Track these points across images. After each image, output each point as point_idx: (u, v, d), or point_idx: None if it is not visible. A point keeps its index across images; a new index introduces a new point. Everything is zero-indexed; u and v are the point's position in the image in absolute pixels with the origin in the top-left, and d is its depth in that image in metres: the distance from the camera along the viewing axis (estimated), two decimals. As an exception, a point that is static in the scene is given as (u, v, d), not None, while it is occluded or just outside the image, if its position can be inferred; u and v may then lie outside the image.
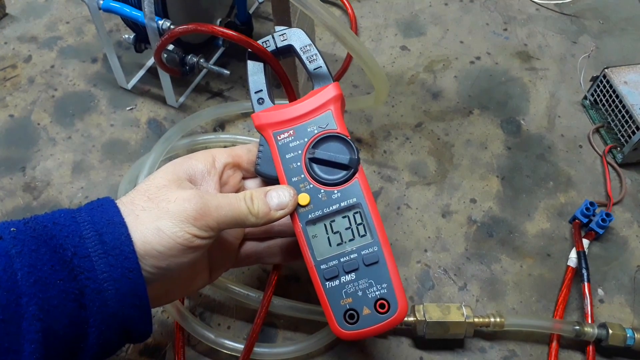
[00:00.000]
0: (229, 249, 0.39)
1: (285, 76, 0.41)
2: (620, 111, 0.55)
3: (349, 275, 0.35)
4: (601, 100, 0.58)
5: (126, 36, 0.58)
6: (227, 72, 0.57)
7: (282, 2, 0.48)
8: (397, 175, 0.54)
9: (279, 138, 0.37)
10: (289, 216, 0.36)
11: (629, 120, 0.54)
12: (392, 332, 0.44)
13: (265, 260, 0.41)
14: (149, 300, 0.31)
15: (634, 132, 0.53)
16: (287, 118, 0.38)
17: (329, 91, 0.37)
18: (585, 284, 0.45)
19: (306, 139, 0.37)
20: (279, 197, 0.35)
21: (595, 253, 0.49)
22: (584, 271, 0.46)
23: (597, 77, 0.58)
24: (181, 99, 0.60)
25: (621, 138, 0.55)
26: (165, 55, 0.55)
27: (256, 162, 0.38)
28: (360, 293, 0.35)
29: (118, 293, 0.30)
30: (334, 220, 0.36)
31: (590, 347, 0.43)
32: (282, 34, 0.39)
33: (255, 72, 0.40)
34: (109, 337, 0.30)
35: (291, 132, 0.38)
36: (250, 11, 0.68)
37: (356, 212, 0.36)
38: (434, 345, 0.43)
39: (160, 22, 0.51)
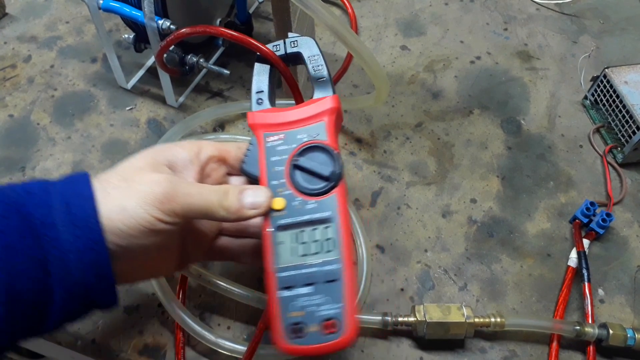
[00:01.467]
0: (202, 239, 0.39)
1: (293, 80, 0.41)
2: (620, 111, 0.55)
3: (306, 288, 0.34)
4: (601, 100, 0.58)
5: (126, 36, 0.58)
6: (227, 71, 0.57)
7: (282, 2, 0.48)
8: (397, 175, 0.54)
9: (268, 140, 0.37)
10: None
11: (629, 120, 0.54)
12: (392, 333, 0.44)
13: (238, 258, 0.41)
14: (112, 273, 0.31)
15: (634, 132, 0.53)
16: (280, 122, 0.37)
17: (326, 102, 0.37)
18: (586, 284, 0.45)
19: (294, 145, 0.37)
20: (254, 196, 0.35)
21: (596, 253, 0.49)
22: (585, 271, 0.46)
23: (598, 77, 0.58)
24: (181, 99, 0.60)
25: (621, 138, 0.55)
26: (165, 55, 0.55)
27: (242, 160, 0.38)
28: (312, 308, 0.33)
29: (81, 263, 0.30)
30: (303, 230, 0.35)
31: (591, 347, 0.43)
32: (294, 41, 0.40)
33: (260, 72, 0.40)
34: (73, 304, 0.31)
35: (281, 135, 0.37)
36: (250, 11, 0.68)
37: (327, 227, 0.35)
38: (434, 345, 0.43)
39: (160, 22, 0.51)
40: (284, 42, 0.40)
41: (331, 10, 0.42)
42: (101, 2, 0.52)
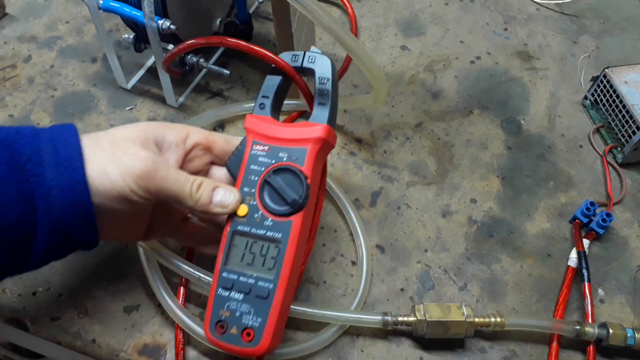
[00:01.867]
0: (171, 217, 0.42)
1: (308, 90, 0.42)
2: (620, 111, 0.55)
3: (239, 294, 0.36)
4: (601, 100, 0.58)
5: (126, 36, 0.58)
6: (227, 71, 0.57)
7: (282, 2, 0.48)
8: (397, 175, 0.54)
9: (254, 147, 0.39)
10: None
11: (629, 120, 0.54)
12: (392, 332, 0.44)
13: (198, 245, 0.43)
14: (93, 212, 0.34)
15: (634, 132, 0.53)
16: (269, 134, 0.39)
17: (316, 130, 0.38)
18: (586, 284, 0.45)
19: (273, 161, 0.38)
20: (224, 196, 0.37)
21: (596, 253, 0.49)
22: (585, 271, 0.46)
23: (598, 77, 0.58)
24: (181, 99, 0.60)
25: (621, 138, 0.55)
26: (165, 55, 0.55)
27: (229, 157, 0.40)
28: (237, 314, 0.36)
29: (64, 200, 0.33)
30: (255, 242, 0.37)
31: (591, 347, 0.43)
32: (312, 57, 0.41)
33: (272, 78, 0.41)
34: (55, 240, 0.34)
35: (266, 148, 0.39)
36: (250, 11, 0.68)
37: (276, 247, 0.37)
38: (434, 345, 0.43)
39: (160, 22, 0.51)
40: (304, 55, 0.41)
41: (328, 11, 0.42)
42: (101, 2, 0.52)
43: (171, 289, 0.44)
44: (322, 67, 0.40)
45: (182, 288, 0.45)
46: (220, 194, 0.37)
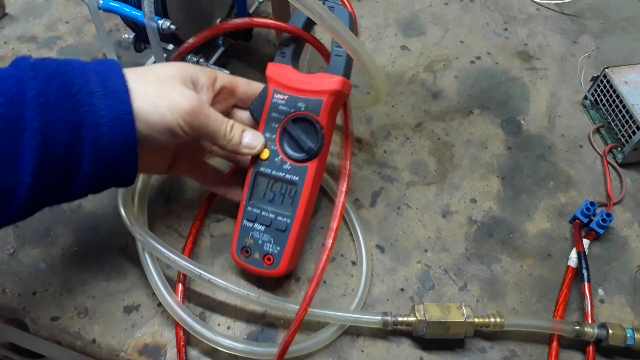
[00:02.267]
0: (194, 155, 0.47)
1: (322, 46, 0.46)
2: (620, 111, 0.55)
3: (261, 226, 0.43)
4: (601, 100, 0.58)
5: (126, 36, 0.58)
6: (227, 72, 0.57)
7: (282, 2, 0.48)
8: (397, 175, 0.54)
9: (275, 96, 0.43)
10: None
11: (629, 120, 0.54)
12: (392, 333, 0.44)
13: (212, 185, 0.48)
14: (137, 142, 0.35)
15: (634, 132, 0.53)
16: (290, 84, 0.42)
17: (331, 83, 0.41)
18: (586, 284, 0.45)
19: (292, 110, 0.42)
20: (252, 139, 0.42)
21: (596, 253, 0.49)
22: (584, 271, 0.46)
23: (598, 77, 0.58)
24: (181, 99, 0.60)
25: (621, 138, 0.55)
26: (165, 56, 0.55)
27: (252, 102, 0.44)
28: (260, 242, 0.43)
29: (112, 129, 0.34)
30: (275, 182, 0.43)
31: (591, 347, 0.43)
32: (331, 7, 0.43)
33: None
34: (100, 170, 0.35)
35: (286, 97, 0.43)
36: (250, 11, 0.68)
37: (292, 188, 0.42)
38: (434, 345, 0.43)
39: (160, 22, 0.51)
40: (324, 2, 0.44)
41: (329, 11, 0.42)
42: (101, 2, 0.52)
43: (171, 289, 0.44)
44: (340, 18, 0.41)
45: (180, 285, 0.45)
46: (248, 136, 0.42)
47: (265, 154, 0.43)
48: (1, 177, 0.31)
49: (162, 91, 0.37)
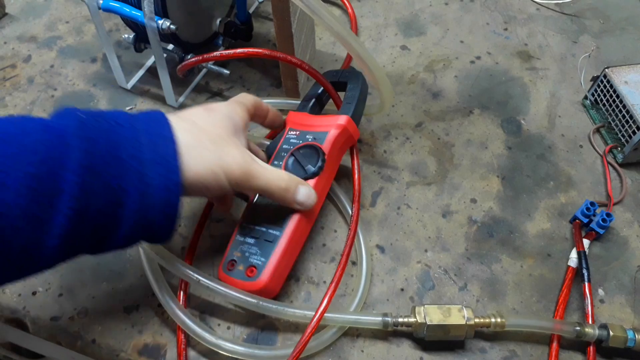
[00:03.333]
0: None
1: (337, 96, 0.52)
2: (620, 111, 0.55)
3: (251, 239, 0.44)
4: (602, 100, 0.58)
5: (126, 36, 0.58)
6: (226, 71, 0.57)
7: (282, 2, 0.48)
8: (397, 175, 0.54)
9: (289, 133, 0.49)
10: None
11: (629, 120, 0.54)
12: (392, 333, 0.44)
13: (219, 203, 0.48)
14: (178, 213, 0.35)
15: (634, 132, 0.53)
16: (302, 122, 0.49)
17: (340, 119, 0.47)
18: (586, 284, 0.45)
19: (301, 142, 0.47)
20: (305, 197, 0.42)
21: (596, 253, 0.49)
22: (585, 271, 0.46)
23: (598, 76, 0.58)
24: (181, 99, 0.60)
25: (622, 138, 0.55)
26: (165, 56, 0.55)
27: (269, 142, 0.50)
28: (247, 254, 0.43)
29: (158, 198, 0.33)
30: (274, 203, 0.44)
31: (591, 348, 0.43)
32: (349, 74, 0.52)
33: (316, 86, 0.53)
34: (135, 235, 0.34)
35: (298, 132, 0.48)
36: (250, 11, 0.68)
37: (289, 208, 0.43)
38: (434, 346, 0.43)
39: (160, 22, 0.51)
40: (342, 72, 0.53)
41: (335, 15, 0.42)
42: (101, 2, 0.52)
43: (171, 290, 0.44)
44: (355, 79, 0.51)
45: (181, 292, 0.45)
46: (301, 193, 0.42)
47: None
48: (25, 238, 0.29)
49: (219, 159, 0.37)
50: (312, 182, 0.44)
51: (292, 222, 0.43)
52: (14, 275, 0.31)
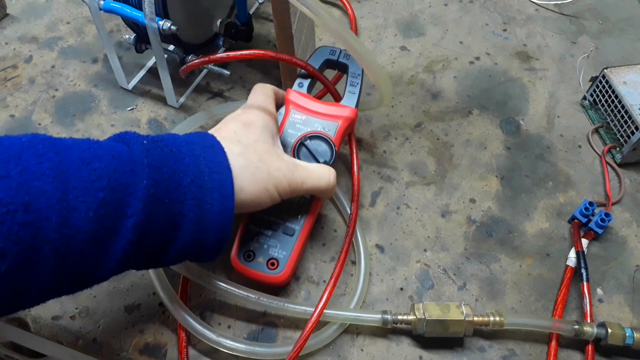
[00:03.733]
0: None
1: (332, 87, 0.51)
2: (619, 111, 0.55)
3: (269, 230, 0.44)
4: (600, 101, 0.58)
5: (127, 37, 0.58)
6: (227, 72, 0.58)
7: (282, 3, 0.48)
8: (396, 175, 0.54)
9: (293, 115, 0.47)
10: None
11: (628, 120, 0.54)
12: (391, 331, 0.44)
13: None
14: (228, 237, 0.36)
15: (633, 132, 0.53)
16: (307, 107, 0.48)
17: (347, 111, 0.47)
18: (585, 283, 0.46)
19: (308, 129, 0.46)
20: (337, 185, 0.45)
21: (594, 253, 0.50)
22: (583, 271, 0.46)
23: (597, 77, 0.58)
24: (182, 100, 0.61)
25: (620, 138, 0.55)
26: (165, 56, 0.55)
27: None
28: (265, 246, 0.44)
29: (211, 224, 0.34)
30: None
31: (590, 347, 0.43)
32: (348, 55, 0.50)
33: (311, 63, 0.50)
34: (183, 256, 0.35)
35: (303, 117, 0.47)
36: (251, 12, 0.68)
37: (304, 199, 0.45)
38: (433, 344, 0.44)
39: (161, 23, 0.51)
40: (340, 51, 0.51)
41: (334, 15, 0.42)
42: (102, 2, 0.53)
43: (172, 289, 0.44)
44: (356, 64, 0.49)
45: (182, 290, 0.45)
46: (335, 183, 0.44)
47: None
48: (87, 260, 0.30)
49: (269, 175, 0.39)
50: None
51: (309, 215, 0.45)
52: (68, 292, 0.31)
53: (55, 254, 0.28)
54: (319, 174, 0.42)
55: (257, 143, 0.40)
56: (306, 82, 0.49)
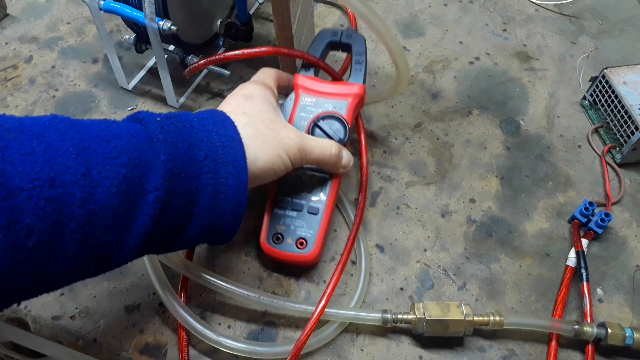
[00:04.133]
0: None
1: (334, 72, 0.50)
2: (619, 111, 0.55)
3: (293, 212, 0.46)
4: (600, 101, 0.58)
5: (127, 37, 0.58)
6: (227, 72, 0.58)
7: (282, 3, 0.48)
8: (396, 175, 0.54)
9: (303, 99, 0.48)
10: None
11: (627, 120, 0.54)
12: (391, 331, 0.44)
13: None
14: (244, 212, 0.36)
15: (632, 132, 0.53)
16: (316, 89, 0.48)
17: (355, 88, 0.48)
18: (584, 283, 0.46)
19: (320, 110, 0.47)
20: (347, 159, 0.46)
21: (594, 253, 0.50)
22: (583, 271, 0.46)
23: (596, 77, 0.58)
24: (182, 100, 0.61)
25: (620, 138, 0.55)
26: (165, 56, 0.55)
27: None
28: (292, 227, 0.45)
29: (228, 197, 0.35)
30: (305, 174, 0.46)
31: (590, 347, 0.43)
32: (349, 34, 0.51)
33: (314, 49, 0.51)
34: (202, 234, 0.35)
35: (313, 100, 0.48)
36: (251, 12, 0.69)
37: (322, 178, 0.46)
38: (433, 343, 0.44)
39: (161, 23, 0.51)
40: (342, 32, 0.51)
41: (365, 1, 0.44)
42: (102, 3, 0.53)
43: (173, 288, 0.44)
44: (358, 43, 0.51)
45: (182, 290, 0.45)
46: (345, 157, 0.45)
47: None
48: (111, 236, 0.30)
49: (279, 142, 0.39)
50: None
51: (330, 192, 0.46)
52: (90, 273, 0.31)
53: (81, 229, 0.28)
54: (325, 144, 0.43)
55: (261, 113, 0.41)
56: (312, 67, 0.50)
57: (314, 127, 0.46)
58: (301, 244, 0.45)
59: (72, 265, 0.29)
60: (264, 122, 0.40)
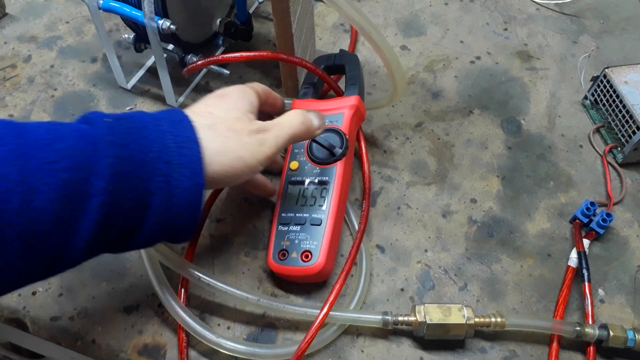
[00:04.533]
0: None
1: (337, 87, 0.53)
2: (620, 111, 0.55)
3: (296, 226, 0.45)
4: (601, 100, 0.58)
5: (126, 36, 0.58)
6: (227, 72, 0.57)
7: (282, 2, 0.48)
8: (397, 175, 0.54)
9: None
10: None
11: (629, 120, 0.54)
12: (392, 333, 0.44)
13: (250, 189, 0.50)
14: (200, 214, 0.35)
15: (634, 132, 0.53)
16: (314, 107, 0.48)
17: (351, 100, 0.49)
18: (586, 284, 0.45)
19: None
20: (319, 119, 0.43)
21: (596, 253, 0.49)
22: (585, 271, 0.46)
23: (598, 76, 0.58)
24: (181, 99, 0.60)
25: (621, 138, 0.55)
26: (165, 55, 0.55)
27: None
28: (296, 241, 0.44)
29: (183, 200, 0.33)
30: (307, 188, 0.47)
31: (591, 348, 0.43)
32: (342, 56, 0.54)
33: (311, 75, 0.53)
34: (157, 236, 0.34)
35: None
36: (250, 11, 0.68)
37: (324, 188, 0.46)
38: (434, 345, 0.43)
39: (160, 22, 0.51)
40: (335, 55, 0.54)
41: (357, 7, 0.43)
42: (101, 2, 0.52)
43: (172, 289, 0.44)
44: (351, 62, 0.53)
45: (182, 291, 0.45)
46: (314, 118, 0.42)
47: (295, 165, 0.48)
48: (55, 242, 0.29)
49: (241, 143, 0.37)
50: (340, 163, 0.47)
51: (332, 201, 0.45)
52: (39, 277, 0.31)
53: (20, 237, 0.27)
54: (289, 119, 0.41)
55: (228, 111, 0.38)
56: (310, 90, 0.52)
57: (311, 143, 0.47)
58: (306, 256, 0.43)
59: (16, 272, 0.29)
60: (228, 124, 0.37)
